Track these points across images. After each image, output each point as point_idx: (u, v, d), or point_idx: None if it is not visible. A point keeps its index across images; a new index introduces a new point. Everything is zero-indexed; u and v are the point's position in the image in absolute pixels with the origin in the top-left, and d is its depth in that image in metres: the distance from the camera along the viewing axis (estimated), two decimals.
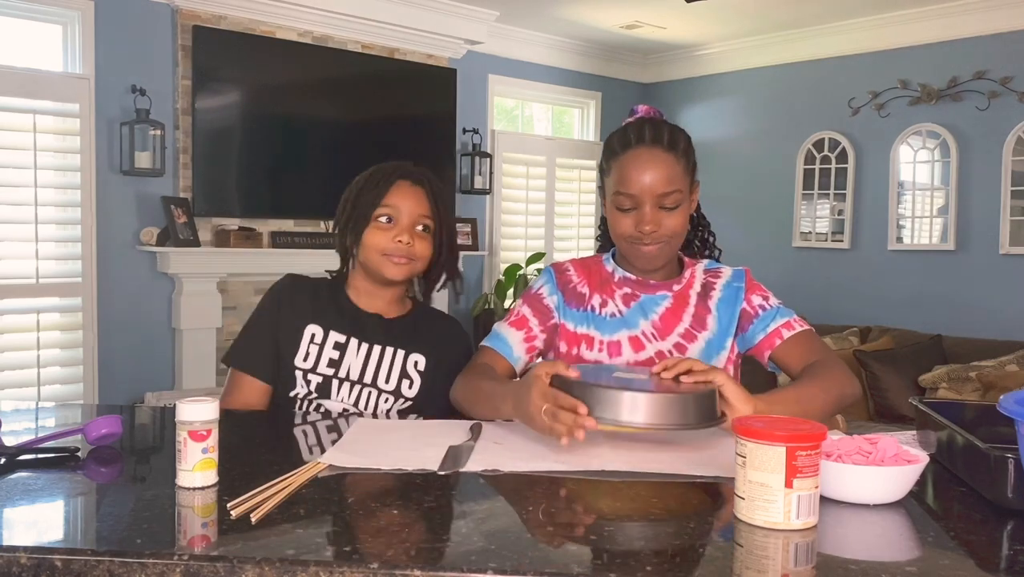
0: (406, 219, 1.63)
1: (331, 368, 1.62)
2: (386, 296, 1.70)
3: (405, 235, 1.62)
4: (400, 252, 1.62)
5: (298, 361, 1.62)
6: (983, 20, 4.76)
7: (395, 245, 1.62)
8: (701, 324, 1.56)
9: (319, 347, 1.63)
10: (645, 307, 1.57)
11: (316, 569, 0.81)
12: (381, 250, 1.62)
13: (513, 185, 5.78)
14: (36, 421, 1.55)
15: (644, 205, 1.48)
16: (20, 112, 3.83)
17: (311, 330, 1.64)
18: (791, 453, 0.91)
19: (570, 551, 0.87)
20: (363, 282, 1.70)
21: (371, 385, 1.63)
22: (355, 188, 1.69)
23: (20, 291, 3.89)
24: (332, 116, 4.73)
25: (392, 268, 1.63)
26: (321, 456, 1.17)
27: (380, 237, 1.63)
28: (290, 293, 1.69)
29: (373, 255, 1.63)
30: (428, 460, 1.16)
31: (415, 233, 1.64)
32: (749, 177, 5.81)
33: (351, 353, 1.64)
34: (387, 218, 1.63)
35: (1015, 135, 4.65)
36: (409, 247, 1.62)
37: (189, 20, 4.23)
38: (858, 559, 0.86)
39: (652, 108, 1.59)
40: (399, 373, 1.64)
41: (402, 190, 1.65)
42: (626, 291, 1.59)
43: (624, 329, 1.56)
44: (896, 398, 4.39)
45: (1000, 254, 4.74)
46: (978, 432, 1.09)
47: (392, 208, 1.63)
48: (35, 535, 0.92)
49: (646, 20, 5.36)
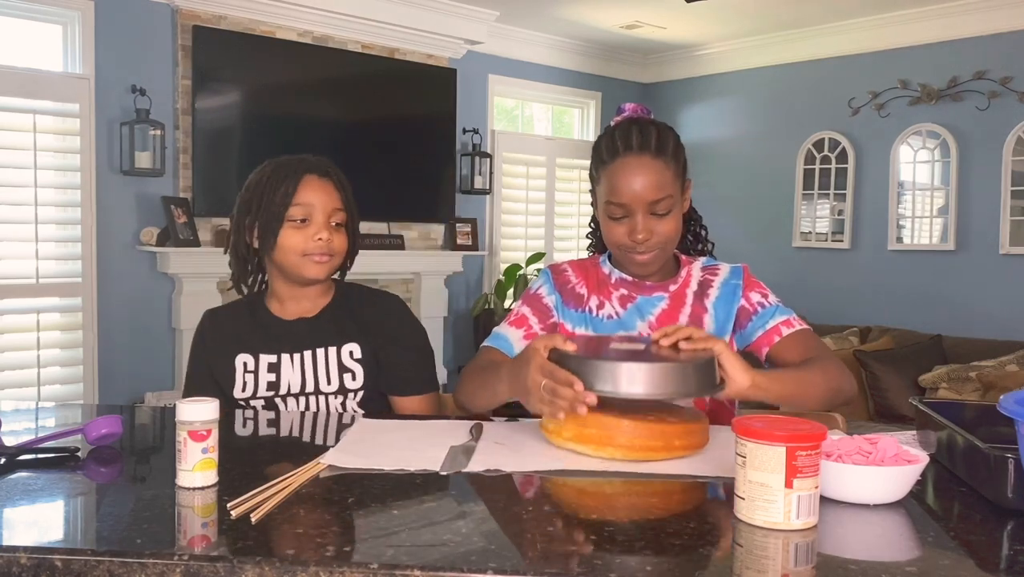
0: (321, 215, 1.57)
1: (271, 390, 1.59)
2: (308, 294, 1.65)
3: (324, 231, 1.56)
4: (320, 250, 1.56)
5: (237, 393, 1.60)
6: (983, 20, 4.76)
7: (315, 244, 1.56)
8: (698, 323, 1.56)
9: (254, 374, 1.60)
10: (642, 309, 1.57)
11: (316, 569, 0.81)
12: (300, 251, 1.56)
13: (513, 185, 5.78)
14: (36, 421, 1.55)
15: (636, 213, 1.47)
16: (20, 112, 3.83)
17: (241, 360, 1.61)
18: (791, 453, 0.91)
19: (570, 551, 0.87)
20: (283, 287, 1.64)
21: (314, 392, 1.59)
22: (256, 188, 1.60)
23: (20, 291, 3.89)
24: (332, 116, 4.73)
25: (313, 268, 1.57)
26: (322, 457, 1.17)
27: (297, 237, 1.56)
28: (211, 331, 1.67)
29: (291, 257, 1.57)
30: (430, 460, 1.16)
31: (331, 229, 1.58)
32: (749, 177, 5.81)
33: (286, 369, 1.60)
34: (302, 218, 1.56)
35: (1015, 135, 4.65)
36: (328, 243, 1.57)
37: (189, 20, 4.23)
38: (858, 559, 0.86)
39: (639, 106, 1.57)
40: (337, 369, 1.60)
41: (312, 185, 1.58)
42: (623, 292, 1.58)
43: (621, 331, 1.56)
44: (896, 398, 4.39)
45: (1000, 254, 4.74)
46: (978, 432, 1.09)
47: (305, 206, 1.56)
48: (35, 535, 0.92)
49: (646, 20, 5.36)
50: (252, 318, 1.66)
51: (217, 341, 1.65)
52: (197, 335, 1.70)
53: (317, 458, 1.16)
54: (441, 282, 5.26)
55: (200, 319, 1.71)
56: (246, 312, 1.68)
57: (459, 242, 5.30)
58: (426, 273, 5.16)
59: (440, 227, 5.29)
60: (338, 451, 1.21)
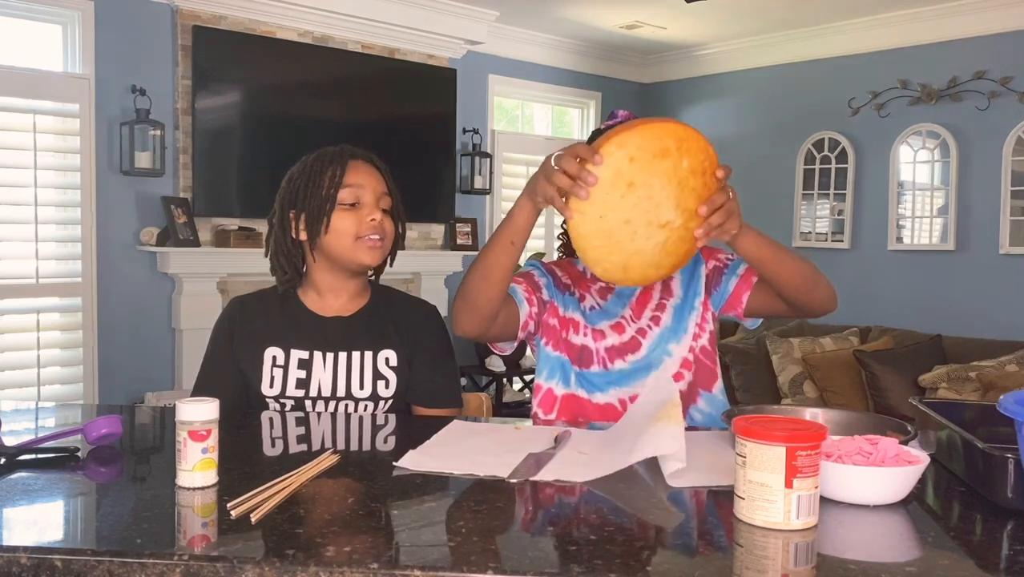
0: (371, 196, 1.54)
1: (300, 389, 1.54)
2: (350, 289, 1.61)
3: (376, 212, 1.54)
4: (374, 231, 1.53)
5: (264, 389, 1.54)
6: (983, 20, 4.76)
7: (368, 225, 1.53)
8: (668, 292, 1.64)
9: (283, 369, 1.54)
10: (621, 296, 1.64)
11: (316, 569, 0.81)
12: (354, 234, 1.52)
13: (513, 185, 5.78)
14: (36, 421, 1.55)
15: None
16: (20, 112, 3.83)
17: (271, 353, 1.55)
18: (791, 453, 0.91)
19: (570, 551, 0.87)
20: (326, 278, 1.59)
21: (346, 397, 1.56)
22: (300, 178, 1.57)
23: (20, 291, 3.89)
24: (332, 116, 4.73)
25: (367, 252, 1.54)
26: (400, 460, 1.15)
27: (349, 220, 1.52)
28: (240, 320, 1.60)
29: (345, 241, 1.53)
30: (502, 466, 1.13)
31: (381, 211, 1.56)
32: (749, 177, 5.80)
33: (318, 368, 1.55)
34: (353, 200, 1.53)
35: (1015, 135, 4.65)
36: (381, 225, 1.54)
37: (189, 20, 4.23)
38: (858, 559, 0.86)
39: (630, 114, 1.62)
40: (372, 376, 1.56)
41: (359, 168, 1.56)
42: (600, 285, 1.65)
43: (605, 319, 1.62)
44: (896, 398, 4.39)
45: (1000, 254, 4.74)
46: (978, 432, 1.09)
47: (356, 187, 1.53)
48: (35, 535, 0.92)
49: (646, 20, 5.36)
50: (284, 310, 1.60)
51: (246, 331, 1.59)
52: (223, 323, 1.62)
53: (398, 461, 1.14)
54: (441, 282, 5.26)
55: (227, 306, 1.64)
56: (278, 303, 1.62)
57: (459, 242, 5.30)
58: (426, 273, 5.16)
59: (440, 227, 5.29)
60: (419, 453, 1.19)
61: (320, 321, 1.59)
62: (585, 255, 1.29)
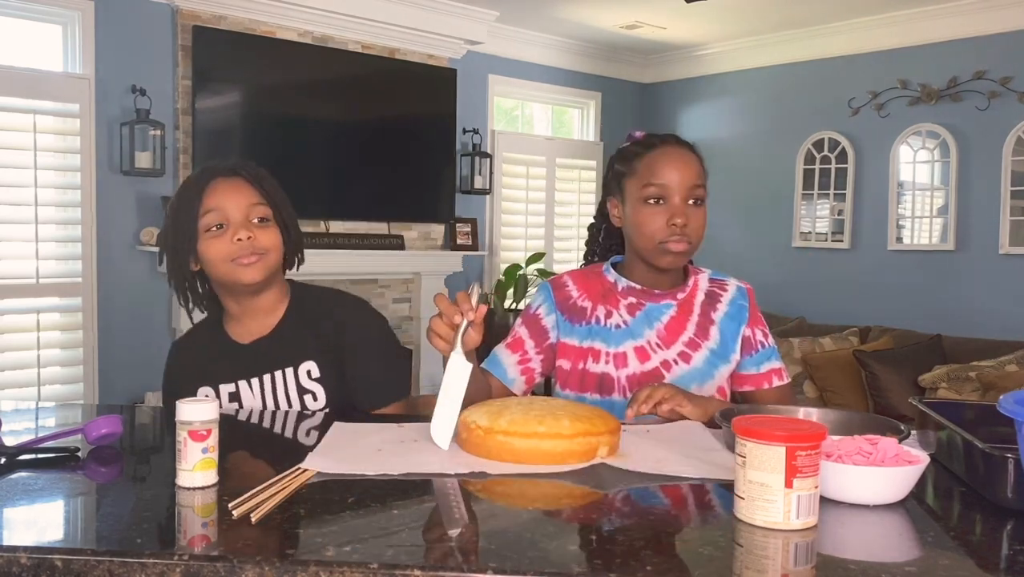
0: (236, 215, 1.49)
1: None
2: (262, 307, 1.57)
3: (242, 231, 1.47)
4: (244, 251, 1.47)
5: None
6: (983, 20, 4.76)
7: (236, 246, 1.47)
8: (704, 334, 1.58)
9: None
10: (650, 316, 1.58)
11: (316, 569, 0.81)
12: (225, 257, 1.48)
13: (513, 185, 5.78)
14: (36, 421, 1.55)
15: (674, 196, 1.51)
16: (20, 112, 3.83)
17: (203, 393, 1.57)
18: (791, 453, 0.91)
19: (570, 551, 0.87)
20: (231, 304, 1.57)
21: None
22: (170, 212, 1.54)
23: (20, 291, 3.89)
24: (332, 116, 4.73)
25: (245, 271, 1.48)
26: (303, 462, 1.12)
27: (218, 245, 1.48)
28: (176, 366, 1.65)
29: (221, 267, 1.49)
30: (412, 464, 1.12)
31: (253, 226, 1.49)
32: (749, 177, 5.81)
33: (247, 397, 1.56)
34: (218, 224, 1.48)
35: (1015, 135, 4.65)
36: (252, 242, 1.48)
37: (189, 20, 4.23)
38: (858, 559, 0.86)
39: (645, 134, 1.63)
40: (296, 392, 1.54)
41: (219, 188, 1.50)
42: (631, 300, 1.60)
43: (630, 340, 1.58)
44: (896, 398, 4.38)
45: (1000, 254, 4.74)
46: (978, 432, 1.08)
47: (217, 211, 1.48)
48: (35, 535, 0.92)
49: (646, 20, 5.36)
50: (212, 345, 1.61)
51: (182, 376, 1.62)
52: (166, 372, 1.67)
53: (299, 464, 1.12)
54: (441, 282, 5.26)
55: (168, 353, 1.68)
56: (207, 338, 1.63)
57: (459, 242, 5.30)
58: (426, 273, 5.16)
59: (440, 227, 5.29)
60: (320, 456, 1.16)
61: (240, 350, 1.58)
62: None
